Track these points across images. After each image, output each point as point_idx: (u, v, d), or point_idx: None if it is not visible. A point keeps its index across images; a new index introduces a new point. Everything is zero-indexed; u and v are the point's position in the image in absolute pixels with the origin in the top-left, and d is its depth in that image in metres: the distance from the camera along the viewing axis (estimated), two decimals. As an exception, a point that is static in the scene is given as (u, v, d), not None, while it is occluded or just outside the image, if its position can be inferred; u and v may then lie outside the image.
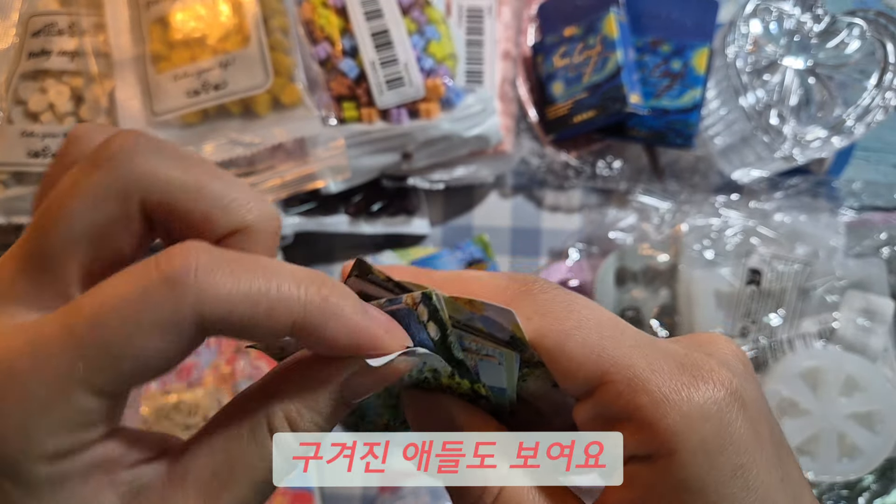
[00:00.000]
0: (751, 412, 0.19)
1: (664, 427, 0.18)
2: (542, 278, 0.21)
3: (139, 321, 0.16)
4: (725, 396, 0.18)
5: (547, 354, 0.20)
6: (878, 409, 0.54)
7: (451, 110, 0.57)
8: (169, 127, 0.53)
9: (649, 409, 0.18)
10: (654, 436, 0.18)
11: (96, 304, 0.16)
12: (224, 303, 0.16)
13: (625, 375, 0.19)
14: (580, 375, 0.19)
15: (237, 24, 0.53)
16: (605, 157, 0.66)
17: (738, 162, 0.63)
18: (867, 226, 0.62)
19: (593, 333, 0.19)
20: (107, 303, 0.16)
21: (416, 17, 0.58)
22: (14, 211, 0.55)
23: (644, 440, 0.18)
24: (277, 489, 0.61)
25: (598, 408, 0.20)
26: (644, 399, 0.18)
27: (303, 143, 0.55)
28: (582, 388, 0.20)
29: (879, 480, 0.59)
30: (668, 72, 0.62)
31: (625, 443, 0.19)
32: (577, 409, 0.21)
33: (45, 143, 0.53)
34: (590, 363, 0.19)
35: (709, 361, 0.19)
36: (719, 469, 0.18)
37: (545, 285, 0.21)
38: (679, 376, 0.19)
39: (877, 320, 0.57)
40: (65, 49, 0.55)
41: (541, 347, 0.20)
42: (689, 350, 0.20)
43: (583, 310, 0.20)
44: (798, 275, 0.59)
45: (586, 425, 0.20)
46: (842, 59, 0.59)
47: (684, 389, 0.18)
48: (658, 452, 0.18)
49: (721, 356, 0.20)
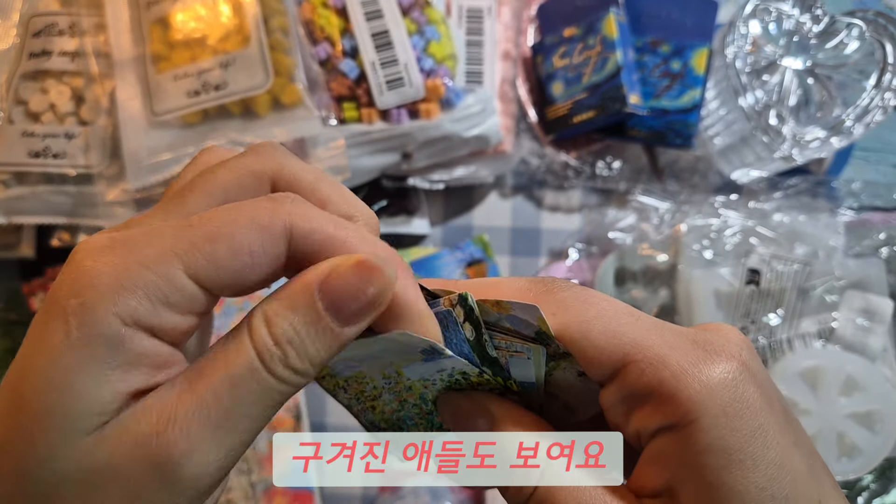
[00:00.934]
0: (760, 382, 0.21)
1: (686, 397, 0.20)
2: (560, 279, 0.23)
3: (239, 219, 0.20)
4: (738, 367, 0.20)
5: (572, 344, 0.22)
6: (878, 408, 0.54)
7: (450, 110, 0.58)
8: (169, 127, 0.53)
9: (671, 382, 0.20)
10: (678, 406, 0.20)
11: (210, 211, 0.20)
12: (311, 220, 0.20)
13: (645, 355, 0.21)
14: (604, 360, 0.21)
15: (237, 24, 0.53)
16: (604, 158, 0.66)
17: (737, 162, 0.63)
18: (866, 226, 0.62)
19: (612, 321, 0.21)
20: (219, 210, 0.20)
21: (416, 18, 0.58)
22: (15, 211, 0.55)
23: (668, 412, 0.20)
24: (277, 489, 0.61)
25: (623, 389, 0.21)
26: (665, 373, 0.20)
27: (303, 143, 0.55)
28: (607, 371, 0.22)
29: (879, 480, 0.59)
30: (668, 72, 0.62)
31: (650, 419, 0.20)
32: (603, 393, 0.22)
33: (45, 143, 0.53)
34: (612, 347, 0.21)
35: (718, 339, 0.21)
36: (740, 430, 0.19)
37: (563, 284, 0.23)
38: (694, 351, 0.20)
39: (876, 320, 0.57)
40: (65, 49, 0.55)
41: (566, 338, 0.22)
42: (698, 331, 0.22)
43: (601, 302, 0.22)
44: (797, 275, 0.59)
45: (613, 408, 0.22)
46: (841, 60, 0.59)
47: (700, 363, 0.20)
48: (682, 421, 0.20)
49: (727, 337, 0.22)
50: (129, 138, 0.52)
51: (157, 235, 0.19)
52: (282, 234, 0.20)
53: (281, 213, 0.20)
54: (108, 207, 0.53)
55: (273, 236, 0.20)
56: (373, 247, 0.21)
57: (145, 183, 0.52)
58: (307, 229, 0.20)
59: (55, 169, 0.53)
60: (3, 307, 0.65)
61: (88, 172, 0.53)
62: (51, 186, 0.54)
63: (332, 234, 0.21)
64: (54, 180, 0.54)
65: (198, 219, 0.20)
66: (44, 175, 0.54)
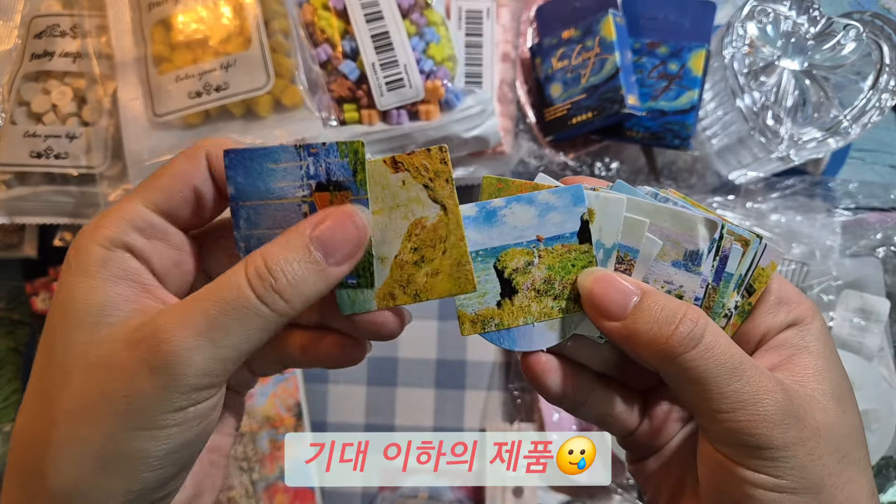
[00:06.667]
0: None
1: (807, 305, 0.29)
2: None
3: (174, 159, 0.27)
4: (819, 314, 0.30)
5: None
6: (875, 407, 0.55)
7: (450, 112, 0.58)
8: (171, 128, 0.53)
9: (795, 299, 0.29)
10: (804, 311, 0.29)
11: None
12: (223, 143, 0.27)
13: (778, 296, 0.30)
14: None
15: (238, 26, 0.54)
16: (602, 158, 0.66)
17: (734, 163, 0.64)
18: (863, 226, 0.63)
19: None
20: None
21: (416, 20, 0.58)
22: (17, 211, 0.55)
23: (797, 313, 0.28)
24: (278, 487, 0.62)
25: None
26: (794, 296, 0.29)
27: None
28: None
29: (876, 478, 0.59)
30: (666, 73, 0.62)
31: (782, 318, 0.28)
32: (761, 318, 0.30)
33: (47, 143, 0.54)
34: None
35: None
36: (831, 336, 0.29)
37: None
38: (800, 292, 0.30)
39: (872, 319, 0.58)
40: (67, 50, 0.55)
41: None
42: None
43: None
44: (795, 275, 0.59)
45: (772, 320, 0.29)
46: (838, 61, 0.60)
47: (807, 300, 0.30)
48: (804, 320, 0.28)
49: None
50: (131, 139, 0.53)
51: (127, 195, 0.27)
52: (202, 155, 0.27)
53: (201, 144, 0.27)
54: (110, 208, 0.54)
55: (196, 159, 0.26)
56: None
57: (147, 183, 0.52)
58: (220, 151, 0.26)
59: (57, 169, 0.54)
60: (6, 307, 0.65)
61: (90, 173, 0.54)
62: (53, 187, 0.54)
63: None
64: (56, 181, 0.54)
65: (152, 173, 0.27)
66: (46, 175, 0.54)
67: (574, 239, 0.27)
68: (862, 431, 0.27)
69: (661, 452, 0.32)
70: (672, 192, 0.29)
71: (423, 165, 0.26)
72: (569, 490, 0.62)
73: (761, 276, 0.28)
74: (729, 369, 0.25)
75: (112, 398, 0.23)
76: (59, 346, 0.24)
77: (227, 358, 0.24)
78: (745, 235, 0.28)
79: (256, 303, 0.24)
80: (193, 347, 0.23)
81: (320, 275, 0.25)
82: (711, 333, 0.25)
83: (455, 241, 0.26)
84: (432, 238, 0.26)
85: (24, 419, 0.25)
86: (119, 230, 0.25)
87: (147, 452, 0.24)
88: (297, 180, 0.26)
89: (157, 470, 0.24)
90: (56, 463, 0.23)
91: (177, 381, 0.23)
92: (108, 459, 0.23)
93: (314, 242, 0.25)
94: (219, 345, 0.23)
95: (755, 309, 0.29)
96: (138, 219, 0.26)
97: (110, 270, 0.25)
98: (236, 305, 0.23)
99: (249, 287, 0.24)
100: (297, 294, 0.24)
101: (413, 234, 0.26)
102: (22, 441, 0.24)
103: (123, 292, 0.25)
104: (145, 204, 0.26)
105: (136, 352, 0.23)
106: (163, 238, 0.26)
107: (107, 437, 0.23)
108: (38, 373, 0.25)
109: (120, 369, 0.23)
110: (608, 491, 0.61)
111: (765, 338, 0.29)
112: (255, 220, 0.27)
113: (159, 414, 0.23)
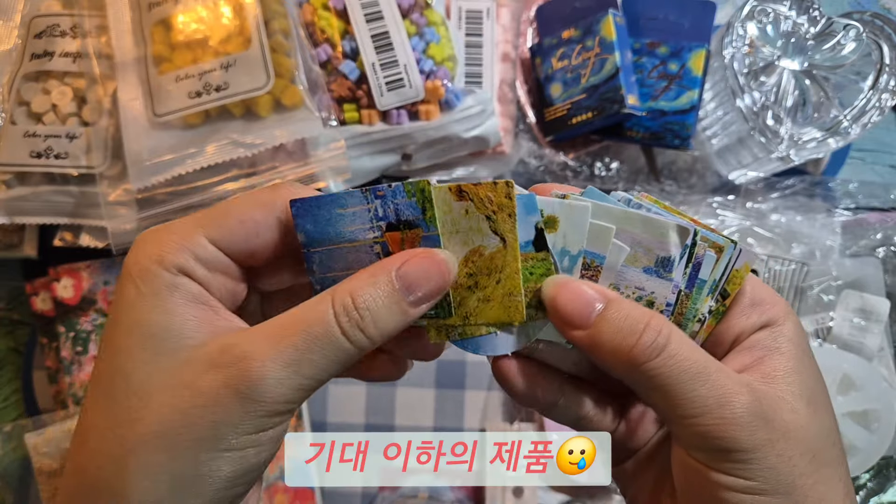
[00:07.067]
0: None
1: (780, 307, 0.29)
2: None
3: (246, 199, 0.27)
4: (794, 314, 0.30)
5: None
6: (875, 407, 0.55)
7: (450, 112, 0.58)
8: (171, 128, 0.53)
9: (769, 300, 0.29)
10: (777, 312, 0.28)
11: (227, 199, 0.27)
12: (304, 195, 0.27)
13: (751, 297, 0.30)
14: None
15: (238, 26, 0.54)
16: (602, 158, 0.66)
17: (734, 163, 0.64)
18: (863, 226, 0.63)
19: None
20: (233, 197, 0.28)
21: (416, 20, 0.58)
22: (17, 211, 0.55)
23: (770, 315, 0.28)
24: (278, 486, 0.62)
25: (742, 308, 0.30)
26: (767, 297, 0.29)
27: (304, 144, 0.55)
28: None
29: (876, 478, 0.59)
30: (666, 73, 0.62)
31: (755, 319, 0.28)
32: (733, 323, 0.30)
33: (47, 143, 0.54)
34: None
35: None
36: (804, 339, 0.29)
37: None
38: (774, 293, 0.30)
39: (872, 319, 0.58)
40: (67, 50, 0.55)
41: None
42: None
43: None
44: (794, 275, 0.59)
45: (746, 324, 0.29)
46: (838, 61, 0.60)
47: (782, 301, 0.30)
48: (777, 321, 0.28)
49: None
50: (131, 139, 0.53)
51: (186, 218, 0.26)
52: (281, 207, 0.27)
53: (279, 191, 0.27)
54: (110, 208, 0.54)
55: (271, 208, 0.27)
56: None
57: (147, 184, 0.52)
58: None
59: (57, 169, 0.54)
60: (6, 307, 0.65)
61: (90, 173, 0.54)
62: (53, 187, 0.54)
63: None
64: (56, 181, 0.54)
65: (217, 204, 0.27)
66: (46, 175, 0.54)
67: (530, 248, 0.27)
68: (835, 431, 0.27)
69: (639, 455, 0.32)
70: (645, 198, 0.29)
71: (488, 198, 0.26)
72: (569, 490, 0.62)
73: (735, 279, 0.28)
74: (692, 374, 0.25)
75: (194, 423, 0.24)
76: (136, 370, 0.24)
77: (308, 387, 0.24)
78: (718, 242, 0.28)
79: (341, 337, 0.24)
80: (282, 378, 0.23)
81: (403, 314, 0.25)
82: (675, 341, 0.25)
83: (510, 272, 0.27)
84: (488, 267, 0.27)
85: (96, 444, 0.24)
86: (183, 259, 0.25)
87: (223, 473, 0.24)
88: (367, 223, 0.27)
89: (231, 489, 0.25)
90: (135, 487, 0.24)
91: (261, 407, 0.24)
92: (187, 481, 0.24)
93: (399, 281, 0.25)
94: (303, 375, 0.24)
95: (729, 311, 0.29)
96: (200, 249, 0.26)
97: (182, 294, 0.25)
98: (323, 339, 0.24)
99: (336, 321, 0.24)
100: (379, 331, 0.25)
101: (470, 260, 0.27)
102: (95, 463, 0.24)
103: (199, 315, 0.25)
104: (207, 237, 0.26)
105: (223, 376, 0.24)
106: (222, 271, 0.27)
107: (187, 460, 0.24)
108: (107, 398, 0.25)
109: (205, 393, 0.24)
110: (608, 491, 0.61)
111: (738, 339, 0.29)
112: (328, 263, 0.27)
113: (240, 436, 0.24)
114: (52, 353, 0.61)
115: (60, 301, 0.60)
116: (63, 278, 0.60)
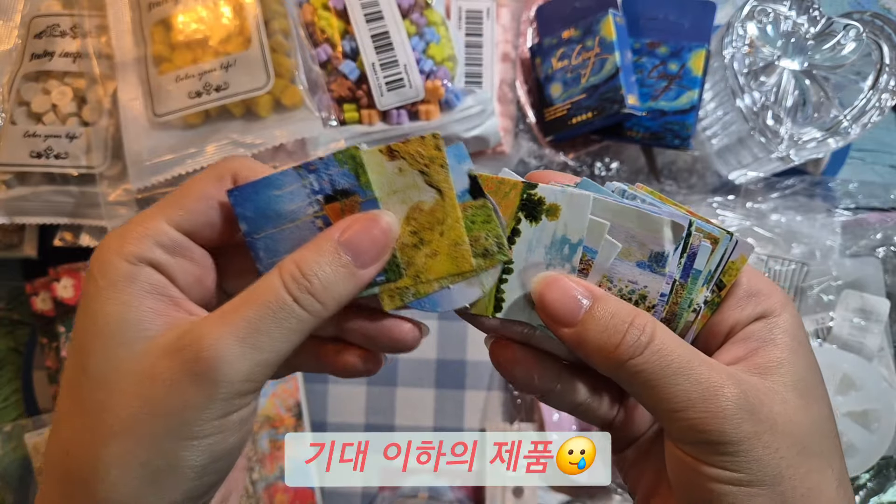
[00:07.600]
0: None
1: (777, 298, 0.29)
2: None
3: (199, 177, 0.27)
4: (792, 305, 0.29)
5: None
6: (874, 407, 0.55)
7: (450, 112, 0.58)
8: (171, 128, 0.53)
9: (766, 291, 0.29)
10: (773, 303, 0.28)
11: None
12: (251, 167, 0.28)
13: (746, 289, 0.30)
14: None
15: (238, 26, 0.54)
16: (602, 158, 0.66)
17: (734, 163, 0.64)
18: (863, 226, 0.63)
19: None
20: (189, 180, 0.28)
21: (416, 20, 0.58)
22: (17, 211, 0.55)
23: (766, 306, 0.28)
24: (278, 486, 0.62)
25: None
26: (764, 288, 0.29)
27: (304, 144, 0.55)
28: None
29: (875, 478, 0.59)
30: (666, 73, 0.62)
31: (751, 311, 0.28)
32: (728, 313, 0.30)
33: (47, 143, 0.54)
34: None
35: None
36: (801, 329, 0.29)
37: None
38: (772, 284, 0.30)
39: (872, 319, 0.58)
40: (67, 50, 0.55)
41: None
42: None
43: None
44: (794, 274, 0.59)
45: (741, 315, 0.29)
46: (838, 61, 0.60)
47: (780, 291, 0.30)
48: (773, 312, 0.28)
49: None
50: (131, 139, 0.53)
51: (152, 206, 0.27)
52: (228, 177, 0.27)
53: (227, 164, 0.27)
54: (110, 208, 0.54)
55: (221, 182, 0.27)
56: None
57: (147, 183, 0.52)
58: (248, 174, 0.27)
59: (57, 169, 0.54)
60: (6, 307, 0.65)
61: (90, 173, 0.54)
62: (53, 187, 0.54)
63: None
64: (56, 181, 0.54)
65: (181, 184, 0.27)
66: (46, 175, 0.54)
67: (467, 196, 0.27)
68: (830, 422, 0.27)
69: (639, 443, 0.32)
70: (640, 189, 0.29)
71: (419, 152, 0.27)
72: (569, 490, 0.62)
73: (731, 270, 0.29)
74: (675, 369, 0.25)
75: (158, 411, 0.24)
76: (97, 363, 0.24)
77: (268, 362, 0.24)
78: (714, 233, 0.28)
79: (293, 304, 0.24)
80: (237, 353, 0.23)
81: (351, 277, 0.26)
82: (659, 337, 0.26)
83: (452, 222, 0.27)
84: (430, 221, 0.27)
85: (67, 434, 0.25)
86: (144, 246, 0.26)
87: (193, 462, 0.24)
88: (305, 199, 0.27)
89: (203, 478, 0.25)
90: (106, 479, 0.24)
91: (221, 388, 0.24)
92: (157, 472, 0.24)
93: (343, 247, 0.26)
94: (260, 349, 0.24)
95: (724, 302, 0.29)
96: (162, 235, 0.26)
97: (139, 285, 0.25)
98: (274, 308, 0.24)
99: (285, 290, 0.24)
100: (330, 296, 0.25)
101: (412, 217, 0.27)
102: (65, 457, 0.25)
103: (155, 306, 0.25)
104: (168, 222, 0.26)
105: (178, 362, 0.24)
106: (186, 255, 0.27)
107: (155, 450, 0.24)
108: (75, 390, 0.25)
109: (163, 381, 0.24)
110: (608, 491, 0.61)
111: (732, 331, 0.29)
112: (273, 247, 0.27)
113: (204, 422, 0.24)
114: (52, 353, 0.61)
115: (60, 301, 0.60)
116: (63, 278, 0.60)
